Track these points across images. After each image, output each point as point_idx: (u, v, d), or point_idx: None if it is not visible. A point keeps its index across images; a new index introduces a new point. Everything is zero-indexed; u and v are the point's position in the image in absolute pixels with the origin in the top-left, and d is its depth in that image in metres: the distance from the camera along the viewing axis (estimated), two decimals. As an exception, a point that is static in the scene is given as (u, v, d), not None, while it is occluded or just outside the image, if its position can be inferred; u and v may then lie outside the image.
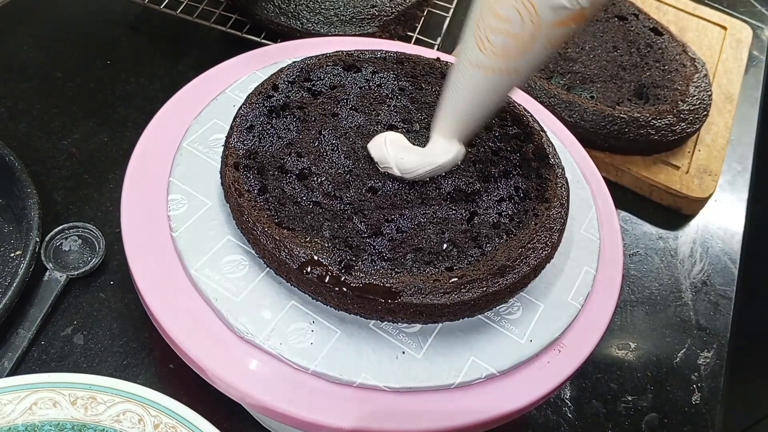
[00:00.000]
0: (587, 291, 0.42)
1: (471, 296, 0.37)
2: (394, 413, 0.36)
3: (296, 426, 0.36)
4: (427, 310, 0.36)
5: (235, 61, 0.52)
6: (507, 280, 0.38)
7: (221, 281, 0.38)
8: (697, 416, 0.51)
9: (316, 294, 0.37)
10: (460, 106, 0.39)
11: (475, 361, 0.37)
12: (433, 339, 0.38)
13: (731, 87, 0.75)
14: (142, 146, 0.45)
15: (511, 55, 0.35)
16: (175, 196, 0.42)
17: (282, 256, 0.37)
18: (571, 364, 0.39)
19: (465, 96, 0.38)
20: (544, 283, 0.42)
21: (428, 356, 0.37)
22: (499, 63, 0.35)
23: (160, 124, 0.46)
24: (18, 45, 0.67)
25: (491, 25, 0.35)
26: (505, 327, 0.39)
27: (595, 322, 0.41)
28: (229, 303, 0.37)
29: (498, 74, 0.36)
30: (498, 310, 0.40)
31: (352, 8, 0.68)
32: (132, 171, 0.43)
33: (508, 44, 0.35)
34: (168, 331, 0.37)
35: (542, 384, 0.38)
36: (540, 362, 0.39)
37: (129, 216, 0.41)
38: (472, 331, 0.39)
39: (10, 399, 0.38)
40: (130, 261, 0.39)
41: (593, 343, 0.40)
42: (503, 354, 0.38)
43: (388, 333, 0.38)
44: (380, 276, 0.36)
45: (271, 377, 0.36)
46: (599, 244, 0.45)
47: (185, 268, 0.39)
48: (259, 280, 0.39)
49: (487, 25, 0.35)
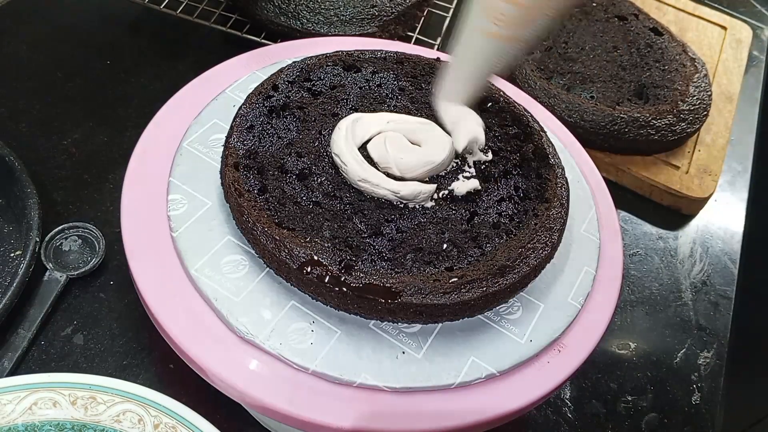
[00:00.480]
0: (587, 291, 0.42)
1: (471, 296, 0.37)
2: (394, 413, 0.36)
3: (296, 426, 0.36)
4: (427, 310, 0.36)
5: (234, 61, 0.52)
6: (507, 280, 0.38)
7: (221, 281, 0.38)
8: (697, 416, 0.51)
9: (316, 294, 0.37)
10: (467, 71, 0.41)
11: (475, 361, 0.37)
12: (433, 339, 0.38)
13: (731, 87, 0.75)
14: (142, 146, 0.45)
15: (520, 24, 0.37)
16: (175, 196, 0.42)
17: (282, 256, 0.37)
18: (571, 364, 0.39)
19: (472, 62, 0.40)
20: (544, 283, 0.42)
21: (428, 356, 0.37)
22: (508, 31, 0.37)
23: (160, 124, 0.46)
24: (18, 45, 0.67)
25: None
26: (505, 327, 0.39)
27: (595, 322, 0.41)
28: (229, 303, 0.37)
29: (505, 41, 0.38)
30: (498, 310, 0.40)
31: (352, 8, 0.68)
32: (132, 171, 0.43)
33: (517, 14, 0.37)
34: (168, 331, 0.37)
35: (542, 384, 0.38)
36: (540, 362, 0.39)
37: (129, 216, 0.41)
38: (472, 331, 0.39)
39: (10, 399, 0.38)
40: (130, 261, 0.39)
41: (593, 343, 0.40)
42: (503, 354, 0.38)
43: (388, 333, 0.38)
44: (380, 276, 0.36)
45: (271, 377, 0.36)
46: (599, 244, 0.45)
47: (185, 268, 0.39)
48: (259, 280, 0.39)
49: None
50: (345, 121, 0.43)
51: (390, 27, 0.69)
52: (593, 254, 0.44)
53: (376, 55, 0.50)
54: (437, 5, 0.76)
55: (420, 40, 0.70)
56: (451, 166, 0.43)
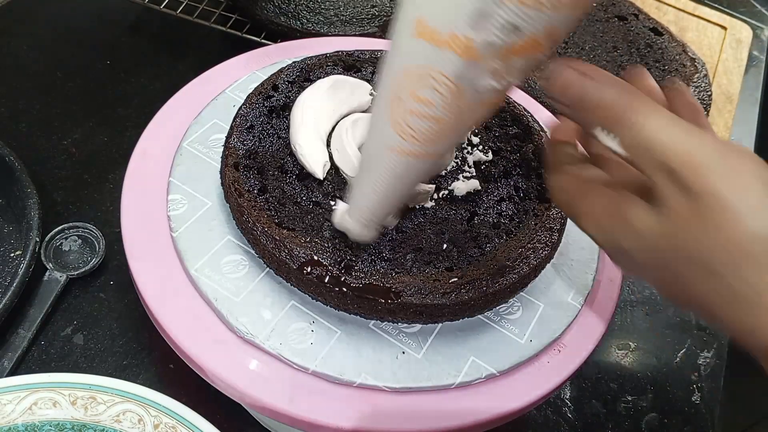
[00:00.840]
0: (587, 291, 0.42)
1: (471, 296, 0.37)
2: (394, 413, 0.36)
3: (296, 426, 0.36)
4: (427, 310, 0.36)
5: (234, 61, 0.51)
6: (507, 280, 0.38)
7: (221, 281, 0.38)
8: (697, 416, 0.51)
9: (316, 294, 0.37)
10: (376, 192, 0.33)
11: (475, 361, 0.37)
12: (433, 339, 0.38)
13: (731, 87, 0.75)
14: (142, 146, 0.45)
15: (434, 138, 0.30)
16: (175, 196, 0.42)
17: (282, 256, 0.37)
18: (571, 364, 0.39)
19: (381, 182, 0.33)
20: (544, 283, 0.42)
21: (428, 356, 0.37)
22: (420, 148, 0.30)
23: (160, 124, 0.46)
24: (18, 45, 0.67)
25: (411, 108, 0.29)
26: (505, 327, 0.39)
27: (595, 322, 0.41)
28: (229, 303, 0.37)
29: (419, 159, 0.31)
30: (498, 310, 0.40)
31: (352, 8, 0.68)
32: (132, 171, 0.43)
33: (429, 128, 0.30)
34: (168, 331, 0.37)
35: (542, 384, 0.38)
36: (540, 362, 0.39)
37: (129, 216, 0.41)
38: (472, 331, 0.39)
39: (10, 399, 0.38)
40: (130, 261, 0.39)
41: (593, 343, 0.40)
42: (503, 354, 0.38)
43: (388, 333, 0.38)
44: (380, 276, 0.36)
45: (271, 377, 0.36)
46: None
47: (185, 269, 0.39)
48: (259, 280, 0.39)
49: (405, 109, 0.30)
50: (345, 122, 0.43)
51: (390, 27, 0.69)
52: (593, 254, 0.44)
53: (376, 55, 0.50)
54: (437, 5, 0.76)
55: (420, 40, 0.70)
56: (451, 166, 0.43)
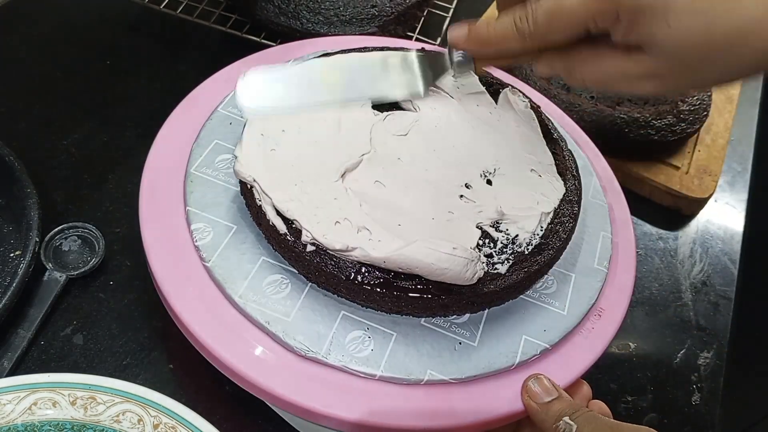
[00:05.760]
0: (609, 254, 0.44)
1: (516, 278, 0.38)
2: (467, 403, 0.36)
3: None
4: (479, 299, 0.37)
5: (218, 75, 0.50)
6: (544, 257, 0.39)
7: (268, 303, 0.37)
8: (697, 416, 0.51)
9: (368, 301, 0.37)
10: None
11: (527, 340, 0.38)
12: (483, 326, 0.39)
13: (731, 87, 0.75)
14: (148, 180, 0.43)
15: None
16: (198, 225, 0.40)
17: (329, 269, 0.36)
18: (612, 325, 0.41)
19: None
20: (570, 254, 0.43)
21: (483, 343, 0.38)
22: None
23: (160, 153, 0.44)
24: (18, 45, 0.67)
25: None
26: (546, 302, 0.40)
27: (622, 281, 0.43)
28: (283, 324, 0.37)
29: None
30: (535, 287, 0.41)
31: (352, 8, 0.68)
32: (145, 208, 0.41)
33: None
34: (232, 367, 0.36)
35: (595, 347, 0.40)
36: (585, 329, 0.40)
37: (155, 255, 0.39)
38: (516, 311, 0.40)
39: (10, 399, 0.38)
40: (173, 304, 0.38)
41: (627, 301, 0.43)
42: (550, 328, 0.39)
43: (441, 327, 0.38)
44: None
45: (341, 391, 0.36)
46: (608, 208, 0.47)
47: (228, 297, 0.38)
48: (305, 296, 0.38)
49: None
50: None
51: (390, 27, 0.69)
52: (605, 218, 0.46)
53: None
54: (437, 5, 0.76)
55: (420, 40, 0.70)
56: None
